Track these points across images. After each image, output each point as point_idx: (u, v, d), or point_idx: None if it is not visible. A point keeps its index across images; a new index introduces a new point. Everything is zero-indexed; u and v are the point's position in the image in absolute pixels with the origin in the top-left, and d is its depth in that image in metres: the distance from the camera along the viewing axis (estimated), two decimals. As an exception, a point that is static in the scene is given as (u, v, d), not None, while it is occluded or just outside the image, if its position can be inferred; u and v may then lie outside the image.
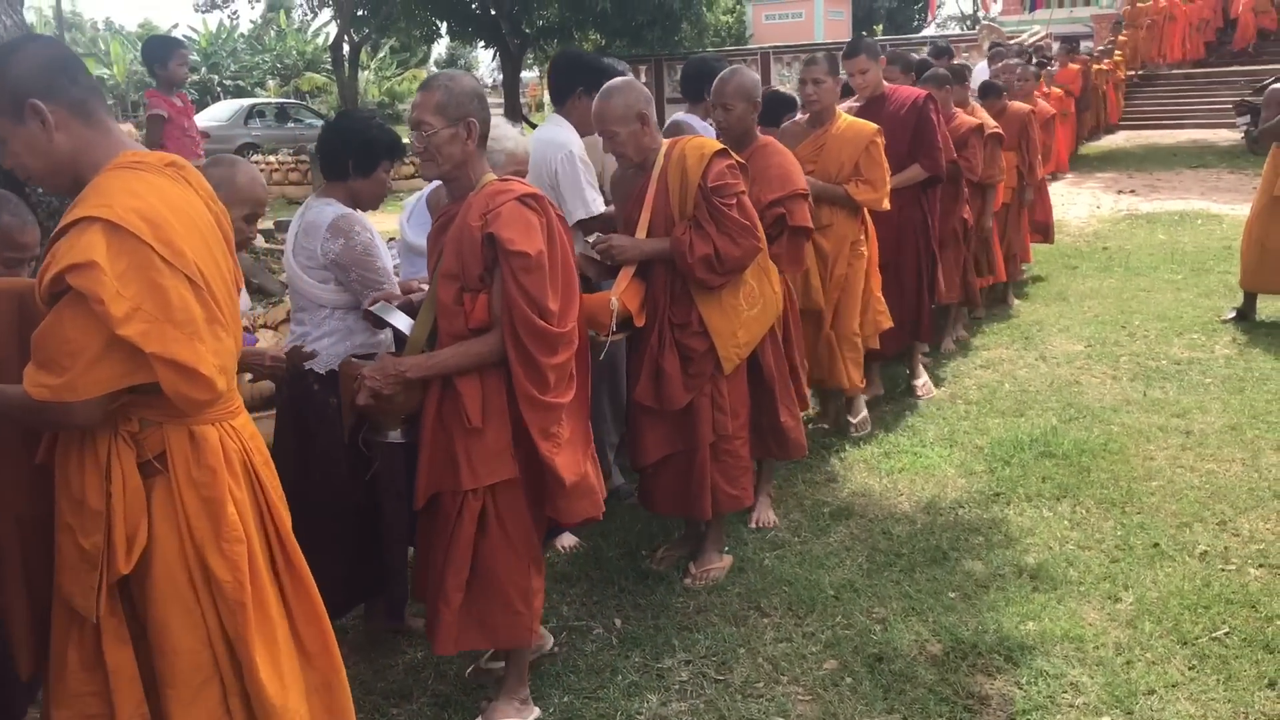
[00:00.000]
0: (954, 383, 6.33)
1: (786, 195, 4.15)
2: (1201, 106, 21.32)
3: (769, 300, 3.92)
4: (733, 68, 4.36)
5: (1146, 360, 6.60)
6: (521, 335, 2.84)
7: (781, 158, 4.27)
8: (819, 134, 5.20)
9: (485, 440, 2.93)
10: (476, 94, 2.91)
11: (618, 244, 3.70)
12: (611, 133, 3.69)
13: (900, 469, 5.02)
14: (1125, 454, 5.07)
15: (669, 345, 3.79)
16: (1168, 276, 8.88)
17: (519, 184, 2.96)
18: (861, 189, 5.09)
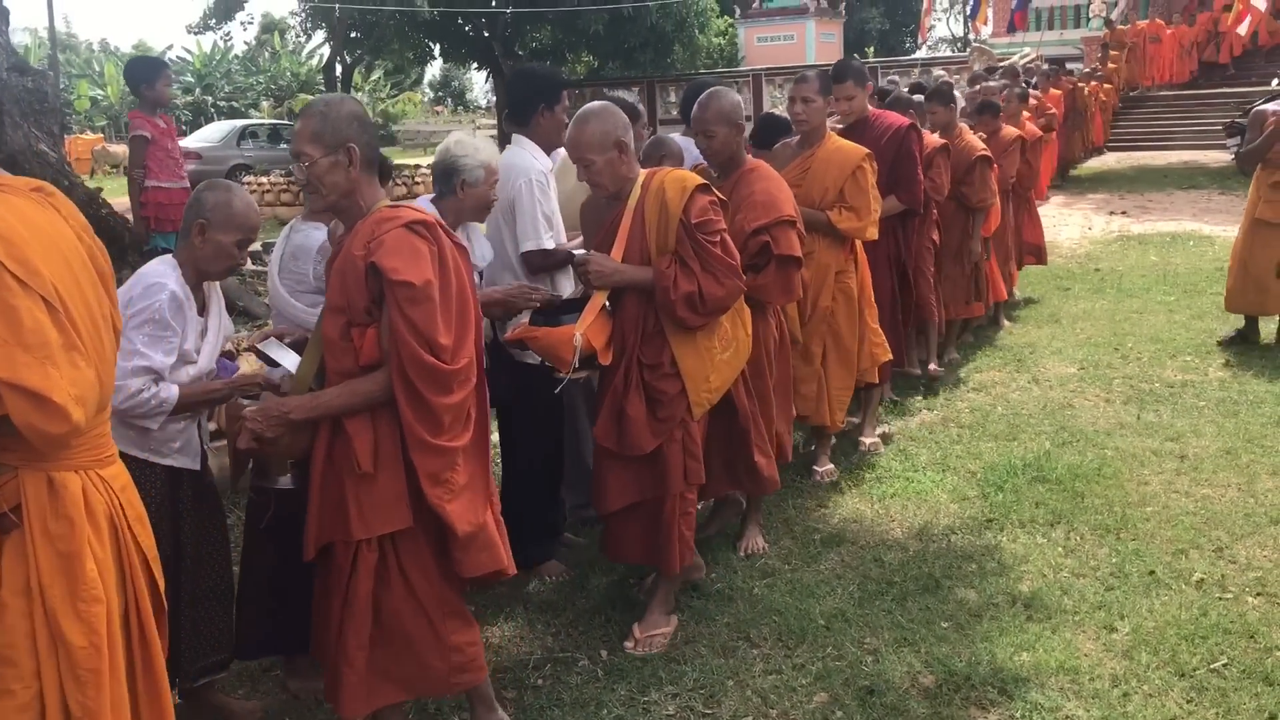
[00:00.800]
0: (946, 406, 6.27)
1: (772, 222, 3.99)
2: (1192, 127, 21.42)
3: (741, 343, 3.75)
4: (711, 90, 4.18)
5: (1140, 383, 6.55)
6: (409, 372, 2.63)
7: (768, 182, 4.11)
8: (806, 156, 5.02)
9: (377, 487, 2.71)
10: (355, 117, 2.74)
11: (598, 265, 3.51)
12: (587, 161, 3.52)
13: (892, 494, 4.96)
14: (1119, 479, 5.01)
15: (635, 386, 3.57)
16: (1160, 298, 8.85)
17: (409, 210, 2.78)
18: (845, 216, 4.86)
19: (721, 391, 3.70)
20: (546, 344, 3.46)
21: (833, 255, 4.94)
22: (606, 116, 3.54)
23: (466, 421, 2.77)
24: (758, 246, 4.00)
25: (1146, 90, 23.31)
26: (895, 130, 5.53)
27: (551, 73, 4.54)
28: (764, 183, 4.11)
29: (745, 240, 3.93)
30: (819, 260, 4.89)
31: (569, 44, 27.16)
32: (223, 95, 43.34)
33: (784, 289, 4.11)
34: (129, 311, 2.97)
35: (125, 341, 2.92)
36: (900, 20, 43.35)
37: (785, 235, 4.02)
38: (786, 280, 4.10)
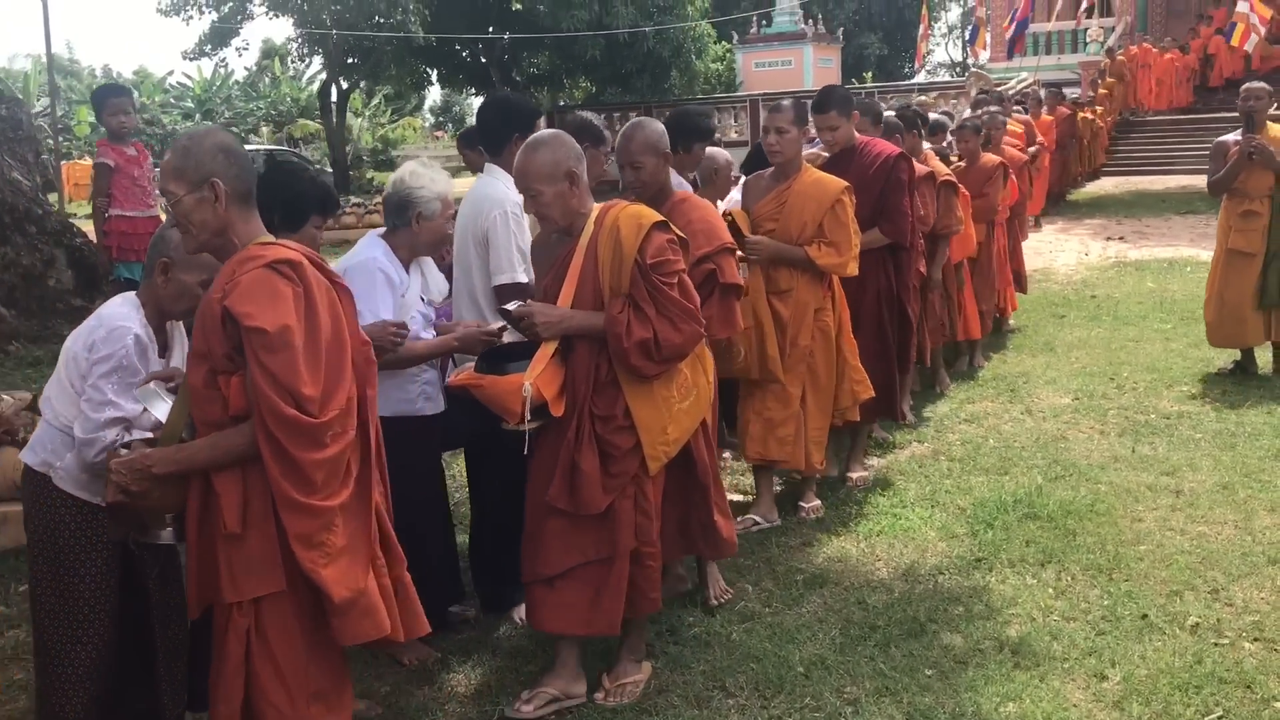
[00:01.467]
0: (937, 438, 6.13)
1: (715, 250, 3.85)
2: (1190, 152, 21.33)
3: (702, 391, 3.53)
4: (635, 121, 4.01)
5: (1135, 414, 6.41)
6: (272, 426, 2.40)
7: (703, 211, 3.99)
8: (782, 189, 4.79)
9: (247, 548, 2.50)
10: (221, 149, 2.56)
11: (542, 316, 3.27)
12: (534, 192, 3.32)
13: (879, 532, 4.81)
14: (1113, 515, 4.87)
15: (588, 440, 3.31)
16: (1157, 326, 8.73)
17: (280, 247, 2.57)
18: (824, 252, 4.66)
19: (680, 443, 3.46)
20: (493, 394, 3.23)
21: (811, 292, 4.75)
22: (557, 145, 3.35)
23: (344, 478, 2.53)
24: (702, 276, 3.82)
25: (1144, 114, 23.27)
26: (884, 160, 5.29)
27: (525, 101, 4.42)
28: (700, 211, 3.97)
29: (689, 270, 3.69)
30: (798, 298, 4.72)
31: (566, 69, 27.19)
32: (223, 121, 43.44)
33: (726, 320, 3.94)
34: (94, 356, 2.87)
35: (94, 391, 2.82)
36: (899, 45, 43.46)
37: (727, 263, 3.89)
38: (728, 311, 3.95)
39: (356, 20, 21.01)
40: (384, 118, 46.26)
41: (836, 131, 5.27)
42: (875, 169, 5.25)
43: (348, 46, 23.28)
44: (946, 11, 52.24)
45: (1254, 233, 6.82)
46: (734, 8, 34.95)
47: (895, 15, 42.17)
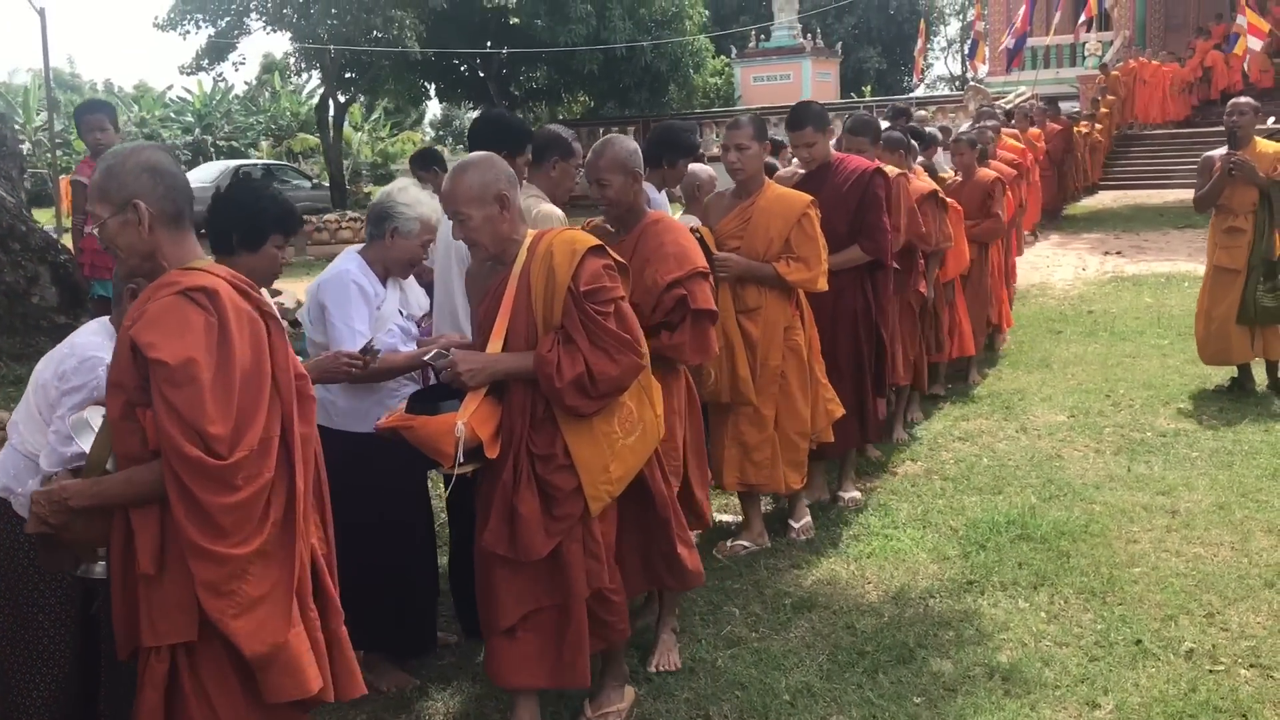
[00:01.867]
0: (931, 457, 6.06)
1: (686, 274, 3.65)
2: (1188, 166, 21.26)
3: (649, 425, 3.29)
4: (605, 138, 3.86)
5: (1131, 432, 6.34)
6: (175, 466, 2.20)
7: (676, 234, 3.80)
8: (745, 205, 4.64)
9: (163, 591, 2.30)
10: (146, 168, 2.38)
11: (466, 364, 3.06)
12: (462, 216, 3.12)
13: (869, 553, 4.74)
14: (1107, 536, 4.80)
15: (526, 481, 3.11)
16: (1154, 342, 8.66)
17: (201, 273, 2.36)
18: (793, 268, 4.52)
19: (625, 481, 3.24)
20: (424, 435, 3.01)
21: (780, 310, 4.61)
22: (486, 166, 3.17)
23: (261, 522, 2.29)
24: (673, 301, 3.65)
25: (1141, 128, 23.25)
26: (859, 175, 5.11)
27: (517, 121, 4.32)
28: (672, 234, 3.79)
29: (659, 295, 3.62)
30: (767, 316, 4.58)
31: (564, 84, 27.22)
32: (223, 135, 43.51)
33: (699, 346, 3.75)
34: (64, 386, 2.79)
35: (61, 423, 2.73)
36: (898, 59, 43.47)
37: (700, 288, 3.70)
38: (702, 337, 3.75)
39: (353, 35, 21.02)
40: (384, 132, 46.32)
41: (813, 148, 5.09)
42: (851, 184, 5.09)
43: (345, 61, 23.29)
44: (945, 26, 52.36)
45: (1238, 249, 6.78)
46: (733, 22, 35.02)
47: (894, 30, 42.21)
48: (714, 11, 35.00)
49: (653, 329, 3.58)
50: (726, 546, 4.79)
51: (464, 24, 23.50)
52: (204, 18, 21.29)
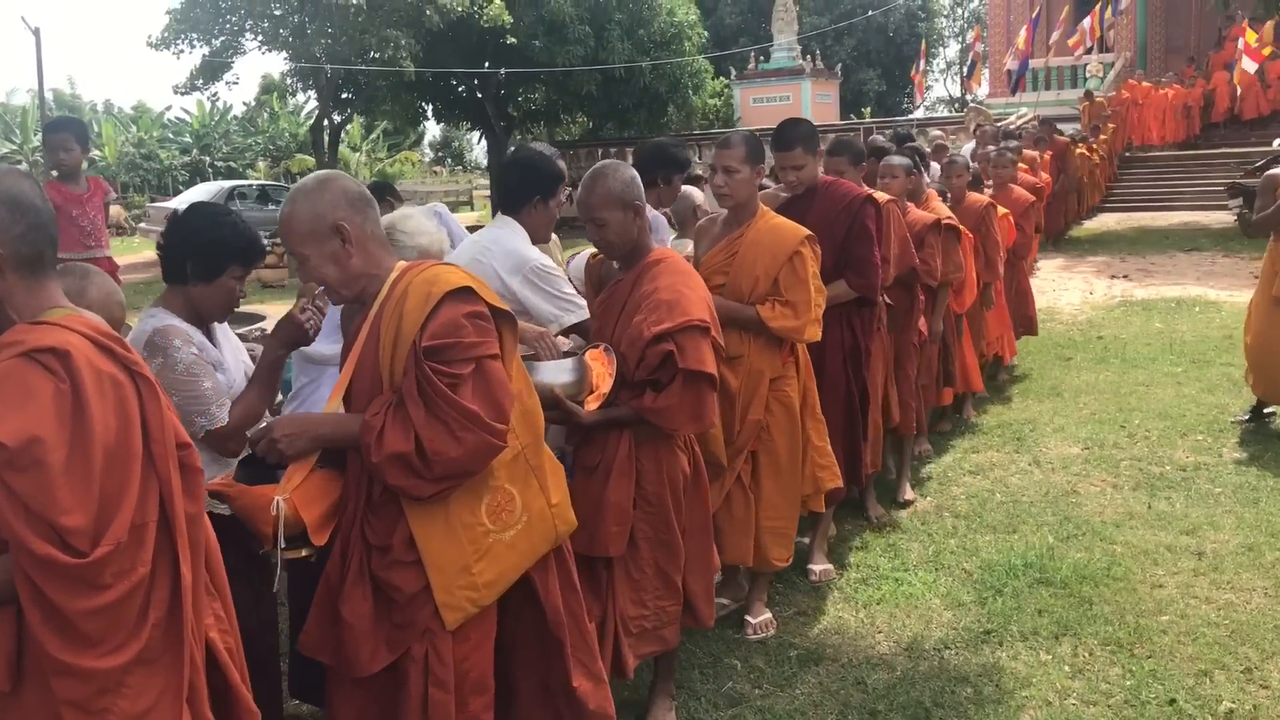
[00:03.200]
0: (941, 492, 5.78)
1: (677, 327, 3.10)
2: (1193, 188, 21.14)
3: (537, 518, 2.58)
4: (596, 169, 3.33)
5: (1149, 465, 6.07)
6: (25, 566, 1.80)
7: (675, 277, 3.24)
8: (733, 237, 4.06)
9: (22, 708, 1.89)
10: (5, 201, 1.96)
11: (283, 429, 2.45)
12: (300, 256, 2.54)
13: (879, 599, 4.46)
14: (1130, 581, 4.52)
15: (356, 576, 2.48)
16: (1167, 369, 8.39)
17: (52, 329, 1.92)
18: (779, 313, 3.91)
19: (500, 587, 2.53)
20: (241, 508, 2.47)
21: (767, 359, 3.99)
22: (319, 194, 2.52)
23: (138, 625, 1.89)
24: (659, 358, 3.13)
25: (1143, 150, 23.09)
26: (848, 203, 4.60)
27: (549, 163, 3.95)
28: (671, 277, 3.24)
29: (644, 349, 3.14)
30: (750, 365, 3.96)
31: (562, 105, 27.06)
32: (220, 156, 43.50)
33: (693, 414, 3.17)
34: None
35: None
36: (897, 81, 43.40)
37: (694, 345, 3.13)
38: (697, 403, 3.16)
39: (349, 55, 20.85)
40: (382, 152, 46.26)
41: (802, 171, 4.56)
42: (839, 212, 4.58)
43: (341, 81, 23.14)
44: (944, 48, 52.40)
45: None
46: (732, 43, 34.95)
47: (894, 52, 42.15)
48: (713, 33, 34.93)
49: (638, 386, 3.19)
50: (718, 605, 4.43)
51: (461, 44, 23.35)
52: (198, 37, 21.12)
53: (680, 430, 3.25)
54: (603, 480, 3.20)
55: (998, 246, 7.04)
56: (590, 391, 3.12)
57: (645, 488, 3.24)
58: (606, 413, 3.16)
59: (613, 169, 3.30)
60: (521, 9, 23.25)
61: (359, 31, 20.24)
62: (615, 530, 3.19)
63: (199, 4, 20.94)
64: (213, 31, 21.24)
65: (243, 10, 20.97)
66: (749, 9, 39.49)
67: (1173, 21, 28.70)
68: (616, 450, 3.21)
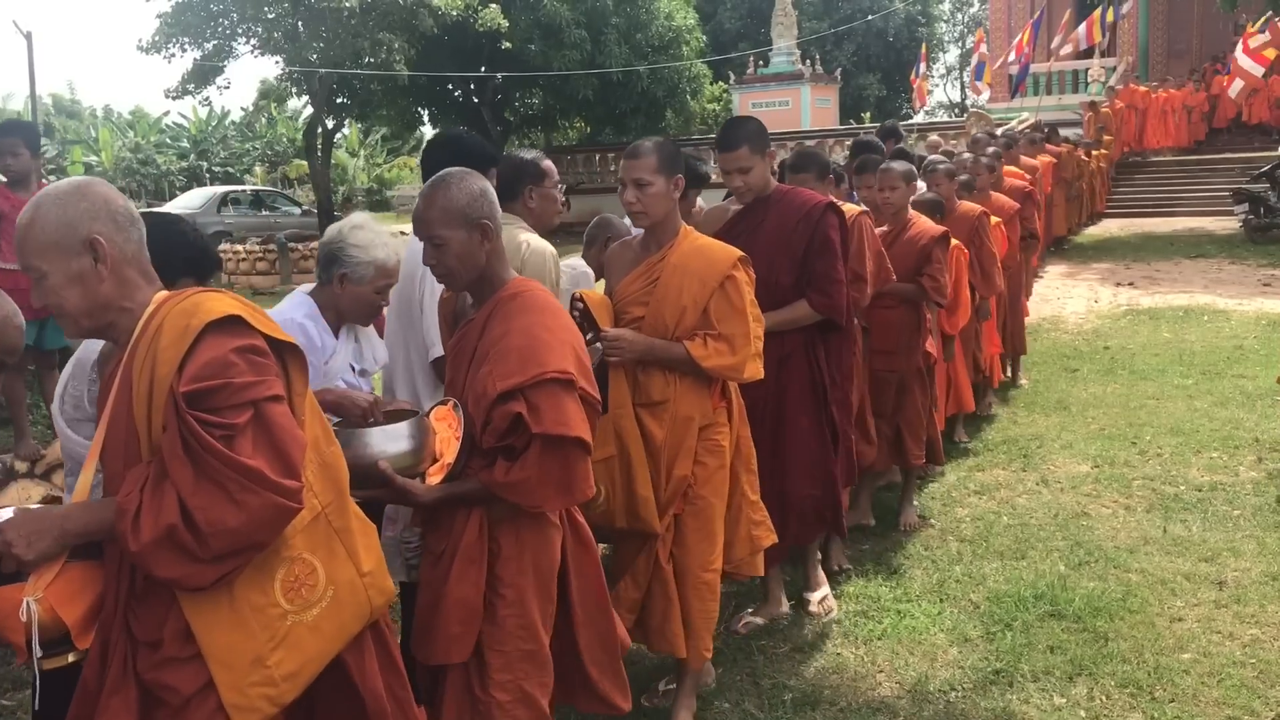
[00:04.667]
0: (945, 514, 5.51)
1: (529, 381, 2.50)
2: (1196, 193, 20.89)
3: (346, 591, 2.08)
4: (438, 177, 2.68)
5: (1162, 485, 5.80)
6: None
7: (532, 317, 2.61)
8: (653, 261, 3.44)
9: None
10: None
11: (18, 532, 1.94)
12: (37, 272, 2.02)
13: (880, 634, 4.18)
14: (1148, 613, 4.25)
15: (117, 681, 1.98)
16: (1178, 381, 8.12)
17: None
18: (710, 349, 3.32)
19: (303, 679, 2.04)
20: None
21: (696, 403, 3.40)
22: (77, 198, 2.03)
23: None
24: (505, 420, 2.52)
25: (1147, 154, 22.84)
26: (807, 212, 4.03)
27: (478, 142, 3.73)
28: (528, 317, 2.61)
29: (489, 410, 2.52)
30: (676, 412, 3.38)
31: (560, 109, 26.80)
32: (218, 161, 43.31)
33: (560, 486, 2.56)
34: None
35: None
36: (897, 86, 43.16)
37: (552, 402, 2.51)
38: (563, 472, 2.55)
39: (342, 59, 20.59)
40: (380, 157, 46.03)
41: (749, 174, 3.97)
42: (798, 223, 4.02)
43: (335, 85, 22.89)
44: (944, 53, 52.20)
45: None
46: (731, 48, 34.70)
47: (894, 57, 41.90)
48: (713, 38, 34.70)
49: (490, 454, 2.57)
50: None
51: (457, 49, 23.11)
52: (189, 41, 20.86)
53: (544, 507, 2.60)
54: (446, 571, 2.60)
55: (993, 258, 6.56)
56: (433, 461, 2.56)
57: (502, 578, 2.59)
58: (449, 488, 2.56)
59: (457, 178, 2.66)
60: (517, 13, 23.01)
61: (352, 35, 19.98)
62: (457, 632, 2.55)
63: (190, 7, 20.69)
64: (204, 35, 20.98)
65: (235, 14, 20.71)
66: (749, 14, 39.25)
67: (1175, 25, 28.46)
68: (464, 532, 2.59)
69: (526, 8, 23.17)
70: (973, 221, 6.41)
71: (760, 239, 3.97)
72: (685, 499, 3.44)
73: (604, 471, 3.28)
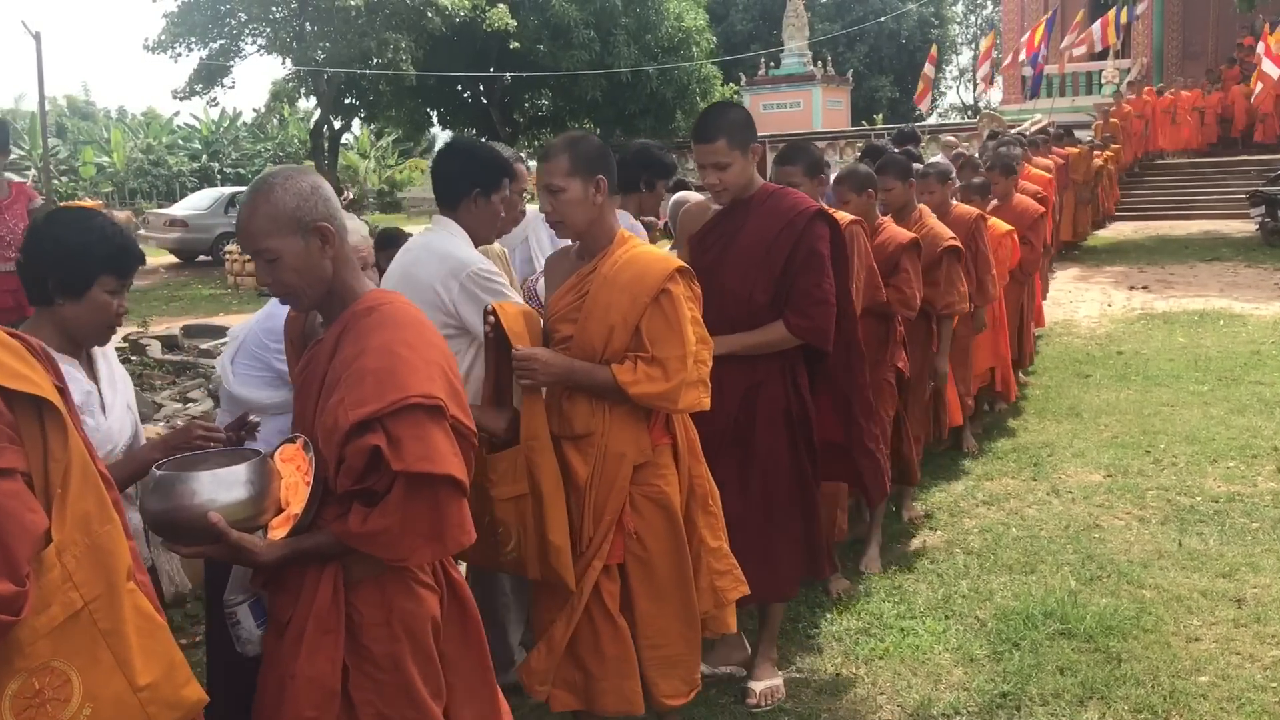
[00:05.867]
0: (952, 525, 5.33)
1: (387, 409, 2.07)
2: (1211, 196, 20.63)
3: (111, 708, 1.69)
4: (260, 180, 2.28)
5: (1178, 496, 5.60)
6: None
7: (392, 333, 2.18)
8: (585, 272, 3.01)
9: None
10: None
11: None
12: None
13: (882, 653, 4.00)
14: (1163, 633, 4.06)
15: None
16: (1193, 388, 7.91)
17: None
18: (640, 374, 2.86)
19: None
20: None
21: (628, 438, 2.95)
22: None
23: None
24: (361, 457, 2.08)
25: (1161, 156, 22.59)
26: (793, 217, 3.51)
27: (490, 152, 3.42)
28: (387, 333, 2.17)
29: (341, 446, 2.11)
30: (606, 447, 2.94)
31: (569, 110, 26.65)
32: (229, 162, 43.38)
33: (431, 534, 2.11)
34: None
35: None
36: (909, 88, 42.94)
37: (416, 433, 2.08)
38: (433, 517, 2.10)
39: (349, 59, 20.50)
40: (391, 159, 45.99)
41: (726, 171, 3.48)
42: (781, 230, 3.51)
43: (343, 85, 22.80)
44: (957, 55, 51.91)
45: None
46: (742, 49, 34.54)
47: (906, 59, 41.69)
48: (724, 39, 34.54)
49: (344, 501, 2.14)
50: None
51: (465, 49, 22.99)
52: (196, 40, 20.80)
53: (411, 561, 2.16)
54: (294, 643, 2.17)
55: (989, 265, 6.05)
56: (277, 510, 2.14)
57: (368, 648, 2.18)
58: (295, 542, 2.12)
59: (282, 179, 2.24)
60: (526, 13, 22.89)
61: (359, 34, 19.87)
62: (310, 717, 2.14)
63: (197, 7, 20.62)
64: (211, 35, 20.91)
65: (242, 13, 20.64)
66: (760, 16, 39.10)
67: (1190, 27, 28.18)
68: (315, 596, 2.16)
69: (535, 8, 23.05)
70: (969, 225, 5.96)
71: (736, 248, 3.55)
72: (626, 550, 2.99)
73: (514, 512, 2.90)
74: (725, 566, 3.18)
